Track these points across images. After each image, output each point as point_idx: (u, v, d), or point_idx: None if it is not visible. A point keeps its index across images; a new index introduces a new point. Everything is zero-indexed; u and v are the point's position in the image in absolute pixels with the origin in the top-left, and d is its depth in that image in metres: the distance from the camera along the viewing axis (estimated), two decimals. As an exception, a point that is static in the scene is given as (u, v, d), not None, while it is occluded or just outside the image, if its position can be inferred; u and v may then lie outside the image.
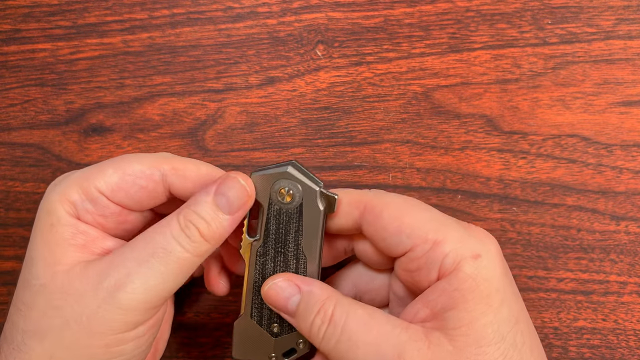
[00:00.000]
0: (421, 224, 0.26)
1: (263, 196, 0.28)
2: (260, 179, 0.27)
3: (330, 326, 0.25)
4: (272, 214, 0.28)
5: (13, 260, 0.35)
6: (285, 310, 0.27)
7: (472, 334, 0.24)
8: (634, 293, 0.34)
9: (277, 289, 0.27)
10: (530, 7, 0.35)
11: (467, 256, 0.25)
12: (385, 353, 0.24)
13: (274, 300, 0.27)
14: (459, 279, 0.25)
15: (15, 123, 0.36)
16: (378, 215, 0.27)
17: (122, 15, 0.36)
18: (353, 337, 0.25)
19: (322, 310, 0.26)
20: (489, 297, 0.24)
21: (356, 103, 0.35)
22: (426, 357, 0.24)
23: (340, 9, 0.36)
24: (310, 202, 0.27)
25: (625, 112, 0.35)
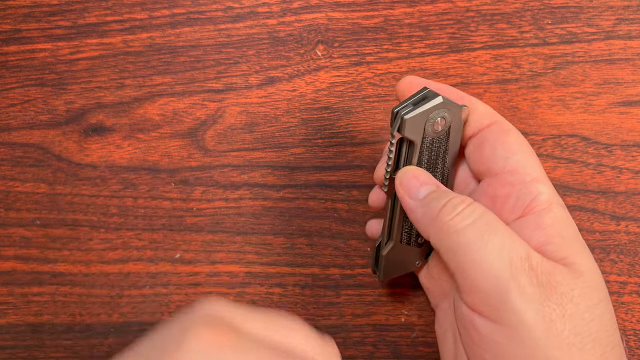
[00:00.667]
0: (532, 160, 0.27)
1: (418, 133, 0.27)
2: (415, 119, 0.27)
3: (469, 207, 0.25)
4: (425, 145, 0.28)
5: (13, 260, 0.35)
6: (414, 192, 0.26)
7: (584, 262, 0.24)
8: (634, 293, 0.34)
9: (417, 173, 0.27)
10: (530, 7, 0.35)
11: (558, 203, 0.26)
12: (518, 248, 0.23)
13: (411, 180, 0.27)
14: (552, 217, 0.25)
15: (15, 123, 0.36)
16: (506, 132, 0.27)
17: (122, 15, 0.36)
18: (492, 223, 0.24)
19: (460, 197, 0.25)
20: (578, 239, 0.25)
21: (356, 103, 0.35)
22: (549, 267, 0.23)
23: (340, 9, 0.36)
24: (456, 123, 0.28)
25: (625, 112, 0.35)
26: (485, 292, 0.23)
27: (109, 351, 0.34)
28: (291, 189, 0.35)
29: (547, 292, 0.23)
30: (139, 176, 0.36)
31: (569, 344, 0.22)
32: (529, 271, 0.23)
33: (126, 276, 0.35)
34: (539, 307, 0.23)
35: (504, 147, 0.27)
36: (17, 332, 0.35)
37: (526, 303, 0.23)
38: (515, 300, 0.23)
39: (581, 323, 0.23)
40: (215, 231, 0.35)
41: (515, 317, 0.23)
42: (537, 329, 0.22)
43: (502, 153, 0.27)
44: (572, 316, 0.23)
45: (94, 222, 0.35)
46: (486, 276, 0.23)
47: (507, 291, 0.23)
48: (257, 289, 0.35)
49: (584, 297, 0.23)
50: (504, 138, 0.27)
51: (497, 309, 0.23)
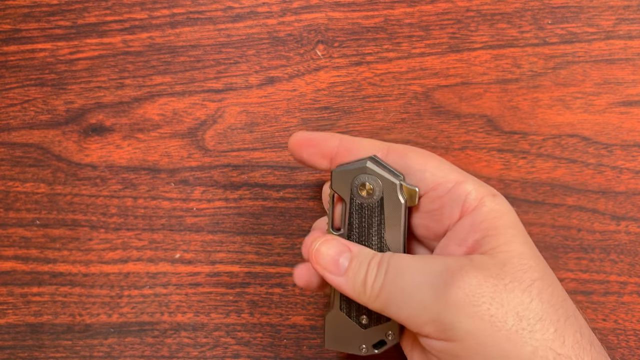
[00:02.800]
0: (443, 167, 0.28)
1: (344, 191, 0.28)
2: (341, 175, 0.28)
3: (379, 272, 0.26)
4: (354, 208, 0.28)
5: (13, 260, 0.35)
6: (335, 270, 0.27)
7: (512, 249, 0.25)
8: (634, 293, 0.34)
9: (328, 248, 0.27)
10: (530, 7, 0.35)
11: (487, 194, 0.27)
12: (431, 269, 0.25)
13: (326, 258, 0.27)
14: (483, 212, 0.26)
15: (15, 123, 0.36)
16: (403, 155, 0.28)
17: (122, 15, 0.36)
18: (401, 275, 0.25)
19: (374, 260, 0.26)
20: (515, 224, 0.26)
21: (356, 103, 0.35)
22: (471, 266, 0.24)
23: (340, 9, 0.36)
24: (391, 196, 0.28)
25: (625, 112, 0.35)
26: (424, 324, 0.24)
27: (109, 351, 0.34)
28: (291, 189, 0.35)
29: (477, 291, 0.24)
30: (139, 176, 0.36)
31: (517, 330, 0.23)
32: (451, 280, 0.24)
33: (126, 276, 0.35)
34: (473, 311, 0.23)
35: (411, 171, 0.28)
36: (17, 332, 0.35)
37: (460, 315, 0.23)
38: (450, 317, 0.24)
39: (522, 307, 0.24)
40: (215, 231, 0.35)
41: (456, 332, 0.24)
42: (480, 332, 0.23)
43: (415, 175, 0.28)
44: (510, 304, 0.23)
45: (93, 222, 0.35)
46: (417, 312, 0.24)
47: (439, 312, 0.24)
48: (257, 289, 0.35)
49: (516, 281, 0.24)
50: (405, 163, 0.28)
51: (442, 331, 0.24)
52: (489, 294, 0.24)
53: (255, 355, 0.34)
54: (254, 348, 0.34)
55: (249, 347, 0.34)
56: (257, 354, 0.34)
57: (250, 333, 0.34)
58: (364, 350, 0.29)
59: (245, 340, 0.34)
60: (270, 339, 0.34)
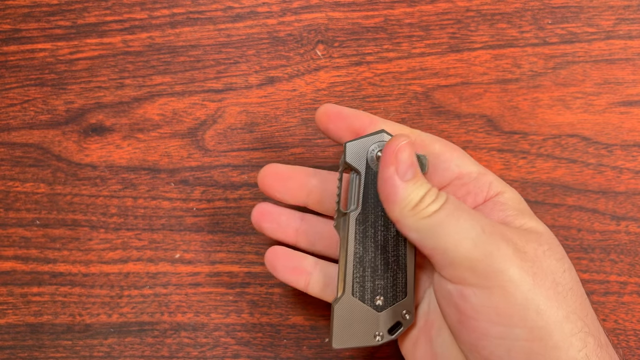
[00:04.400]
0: (466, 160, 0.29)
1: (360, 162, 0.28)
2: (356, 146, 0.28)
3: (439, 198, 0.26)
4: (370, 178, 0.28)
5: (13, 260, 0.35)
6: (404, 172, 0.26)
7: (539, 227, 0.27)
8: (634, 293, 0.34)
9: (414, 154, 0.27)
10: (530, 7, 0.35)
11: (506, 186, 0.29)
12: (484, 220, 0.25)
13: (407, 156, 0.26)
14: (505, 197, 0.28)
15: (15, 123, 0.36)
16: (430, 143, 0.29)
17: (122, 15, 0.36)
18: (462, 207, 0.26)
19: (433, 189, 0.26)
20: (531, 212, 0.28)
21: (356, 103, 0.35)
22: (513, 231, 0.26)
23: (340, 9, 0.36)
24: None
25: (625, 112, 0.35)
26: (468, 260, 0.24)
27: (109, 351, 0.34)
28: (291, 189, 0.35)
29: (522, 252, 0.25)
30: (139, 176, 0.36)
31: (554, 292, 0.24)
32: (500, 235, 0.25)
33: (126, 276, 0.35)
34: (520, 264, 0.24)
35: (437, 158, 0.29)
36: (17, 332, 0.35)
37: (508, 262, 0.24)
38: (498, 262, 0.24)
39: (558, 274, 0.25)
40: (215, 231, 0.35)
41: (502, 277, 0.24)
42: (524, 283, 0.24)
43: (442, 165, 0.29)
44: (548, 268, 0.25)
45: (93, 222, 0.35)
46: (464, 245, 0.25)
47: (489, 255, 0.24)
48: (257, 289, 0.35)
49: (551, 251, 0.26)
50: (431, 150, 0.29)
51: (484, 273, 0.24)
52: (531, 257, 0.25)
53: (255, 355, 0.34)
54: (254, 348, 0.34)
55: (249, 347, 0.34)
56: (257, 354, 0.34)
57: (250, 333, 0.34)
58: (378, 339, 0.28)
59: (245, 340, 0.34)
60: (270, 339, 0.34)
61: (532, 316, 0.24)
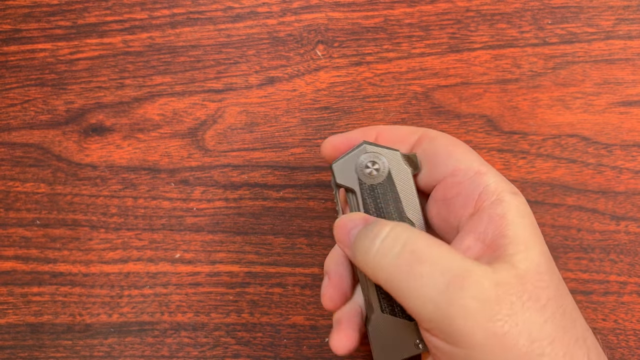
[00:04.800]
0: (469, 156, 0.27)
1: (351, 180, 0.28)
2: (342, 165, 0.28)
3: (388, 238, 0.24)
4: (366, 193, 0.28)
5: (13, 260, 0.35)
6: (347, 238, 0.26)
7: (530, 259, 0.23)
8: (634, 293, 0.34)
9: (347, 219, 0.26)
10: (530, 7, 0.35)
11: (507, 191, 0.25)
12: (454, 269, 0.23)
13: (341, 229, 0.26)
14: (503, 206, 0.25)
15: (15, 123, 0.36)
16: (433, 139, 0.28)
17: (122, 15, 0.36)
18: (417, 251, 0.23)
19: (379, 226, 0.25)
20: (535, 227, 0.25)
21: (356, 103, 0.35)
22: (494, 280, 0.22)
23: (340, 9, 0.36)
24: (397, 167, 0.27)
25: (625, 112, 0.35)
26: (432, 320, 0.23)
27: (109, 351, 0.34)
28: (291, 189, 0.35)
29: (494, 306, 0.22)
30: (139, 176, 0.36)
31: (526, 352, 0.22)
32: (469, 289, 0.22)
33: (126, 276, 0.35)
34: (487, 325, 0.22)
35: (437, 154, 0.27)
36: (17, 332, 0.35)
37: (473, 324, 0.22)
38: (460, 325, 0.22)
39: (536, 328, 0.22)
40: (215, 231, 0.35)
41: (465, 340, 0.22)
42: (490, 345, 0.22)
43: (439, 159, 0.27)
44: (525, 323, 0.22)
45: (94, 222, 0.35)
46: (426, 306, 0.23)
47: (450, 316, 0.22)
48: (257, 289, 0.35)
49: (533, 300, 0.23)
50: (434, 145, 0.27)
51: (448, 333, 0.23)
52: (506, 312, 0.22)
53: (255, 355, 0.34)
54: (254, 348, 0.34)
55: (249, 347, 0.34)
56: (257, 354, 0.34)
57: (250, 333, 0.34)
58: (421, 346, 0.27)
59: (245, 340, 0.34)
60: (270, 339, 0.34)
61: None
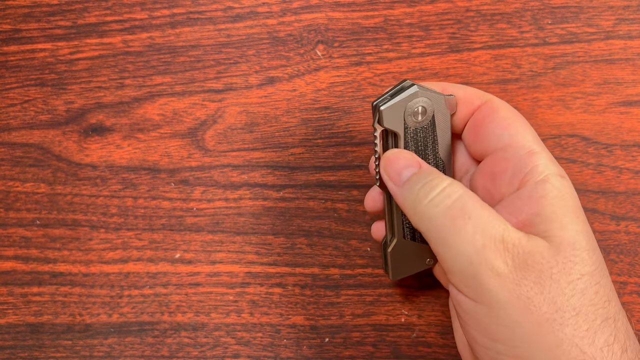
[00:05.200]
0: (526, 134, 0.27)
1: (398, 124, 0.27)
2: (392, 109, 0.27)
3: (442, 193, 0.25)
4: (409, 136, 0.28)
5: (13, 260, 0.35)
6: (397, 177, 0.27)
7: (566, 235, 0.24)
8: (634, 293, 0.34)
9: (399, 156, 0.27)
10: (530, 7, 0.35)
11: (555, 173, 0.26)
12: (492, 231, 0.24)
13: (393, 164, 0.27)
14: (545, 188, 0.25)
15: (15, 123, 0.36)
16: (494, 109, 0.27)
17: (122, 15, 0.36)
18: (467, 207, 0.24)
19: (436, 180, 0.25)
20: (575, 210, 0.25)
21: (356, 103, 0.35)
22: (527, 247, 0.24)
23: (340, 9, 0.36)
24: (440, 110, 0.28)
25: (625, 112, 0.35)
26: (462, 275, 0.24)
27: (109, 351, 0.34)
28: (291, 189, 0.35)
29: (523, 272, 0.23)
30: (139, 176, 0.36)
31: (548, 319, 0.23)
32: (503, 252, 0.23)
33: (126, 276, 0.35)
34: (513, 287, 0.23)
35: (495, 125, 0.27)
36: (17, 332, 0.35)
37: (500, 284, 0.23)
38: (488, 282, 0.23)
39: (561, 299, 0.23)
40: (215, 231, 0.35)
41: (490, 297, 0.23)
42: (512, 307, 0.23)
43: (494, 131, 0.27)
44: (551, 292, 0.23)
45: (94, 222, 0.35)
46: (460, 260, 0.24)
47: (480, 273, 0.23)
48: (257, 289, 0.35)
49: (563, 272, 0.23)
50: (493, 116, 0.27)
51: (474, 289, 0.24)
52: (533, 279, 0.23)
53: (255, 355, 0.34)
54: (254, 348, 0.34)
55: (249, 347, 0.34)
56: (257, 354, 0.34)
57: (250, 333, 0.34)
58: (429, 260, 0.30)
59: (245, 340, 0.34)
60: (270, 339, 0.34)
61: (517, 340, 0.23)
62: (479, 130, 0.28)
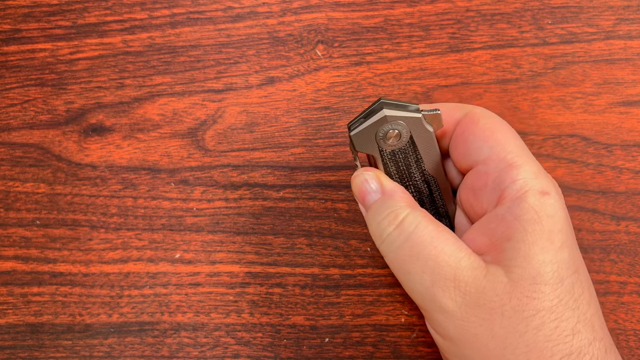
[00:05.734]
0: (507, 145, 0.25)
1: (372, 148, 0.27)
2: (362, 134, 0.27)
3: (396, 230, 0.25)
4: (387, 157, 0.28)
5: (13, 260, 0.35)
6: (362, 202, 0.28)
7: (528, 267, 0.23)
8: (634, 293, 0.34)
9: (364, 182, 0.28)
10: (530, 7, 0.35)
11: (535, 189, 0.24)
12: (442, 271, 0.24)
13: (358, 189, 0.28)
14: (521, 208, 0.24)
15: (15, 123, 0.36)
16: (475, 120, 0.27)
17: (122, 15, 0.36)
18: (416, 247, 0.24)
19: (393, 214, 0.25)
20: (551, 234, 0.23)
21: (356, 103, 0.35)
22: (480, 285, 0.23)
23: (340, 9, 0.36)
24: (418, 130, 0.27)
25: (625, 112, 0.35)
26: (421, 308, 0.25)
27: (109, 351, 0.34)
28: (291, 189, 0.35)
29: (473, 310, 0.23)
30: (139, 176, 0.36)
31: (497, 355, 0.23)
32: (453, 291, 0.23)
33: (126, 276, 0.35)
34: (460, 324, 0.23)
35: (474, 138, 0.26)
36: (17, 332, 0.35)
37: (447, 319, 0.24)
38: (437, 317, 0.24)
39: (513, 335, 0.22)
40: (215, 231, 0.35)
41: (441, 330, 0.24)
42: (461, 342, 0.23)
43: (474, 144, 0.26)
44: (502, 329, 0.22)
45: (94, 222, 0.35)
46: (413, 295, 0.25)
47: (430, 310, 0.24)
48: (257, 289, 0.35)
49: (517, 309, 0.22)
50: (473, 128, 0.26)
51: (429, 320, 0.25)
52: (482, 316, 0.23)
53: (255, 355, 0.34)
54: (254, 348, 0.34)
55: (249, 347, 0.34)
56: (257, 354, 0.34)
57: (250, 333, 0.34)
58: None
59: (245, 340, 0.34)
60: (270, 339, 0.34)
61: None
62: (460, 144, 0.27)
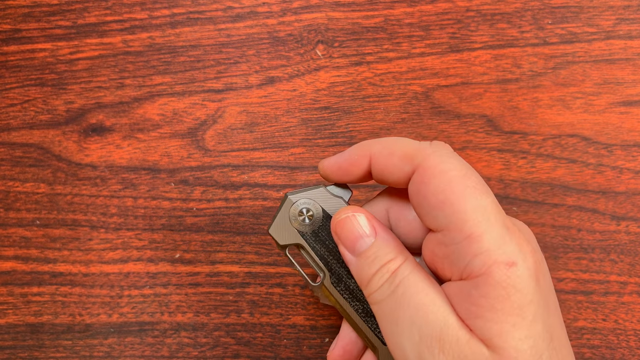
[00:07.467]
0: (464, 210, 0.22)
1: (293, 236, 0.27)
2: (278, 226, 0.27)
3: (389, 281, 0.24)
4: (311, 240, 0.27)
5: (13, 260, 0.35)
6: (351, 248, 0.25)
7: (506, 348, 0.22)
8: (634, 293, 0.34)
9: (354, 222, 0.25)
10: (530, 7, 0.35)
11: (500, 262, 0.22)
12: (429, 327, 0.23)
13: (347, 232, 0.25)
14: (488, 285, 0.22)
15: (15, 123, 0.36)
16: (427, 182, 0.23)
17: (122, 15, 0.36)
18: (406, 300, 0.23)
19: (387, 266, 0.24)
20: (521, 309, 0.22)
21: (356, 103, 0.35)
22: (462, 352, 0.22)
23: (340, 9, 0.36)
24: (329, 202, 0.27)
25: (625, 112, 0.35)
26: None
27: (109, 351, 0.34)
28: (291, 189, 0.35)
29: None
30: (139, 176, 0.36)
31: None
32: (438, 354, 0.22)
33: (126, 276, 0.35)
34: None
35: (427, 203, 0.23)
36: (17, 332, 0.35)
37: None
38: None
39: None
40: (215, 231, 0.35)
41: None
42: None
43: (428, 211, 0.23)
44: None
45: (94, 222, 0.35)
46: (398, 350, 0.23)
47: None
48: (257, 289, 0.35)
49: None
50: (425, 191, 0.23)
51: None
52: None
53: (255, 355, 0.34)
54: (254, 348, 0.34)
55: (249, 347, 0.34)
56: (257, 354, 0.34)
57: (250, 333, 0.34)
58: None
59: (245, 340, 0.34)
60: (270, 339, 0.34)
61: None
62: (416, 207, 0.24)
